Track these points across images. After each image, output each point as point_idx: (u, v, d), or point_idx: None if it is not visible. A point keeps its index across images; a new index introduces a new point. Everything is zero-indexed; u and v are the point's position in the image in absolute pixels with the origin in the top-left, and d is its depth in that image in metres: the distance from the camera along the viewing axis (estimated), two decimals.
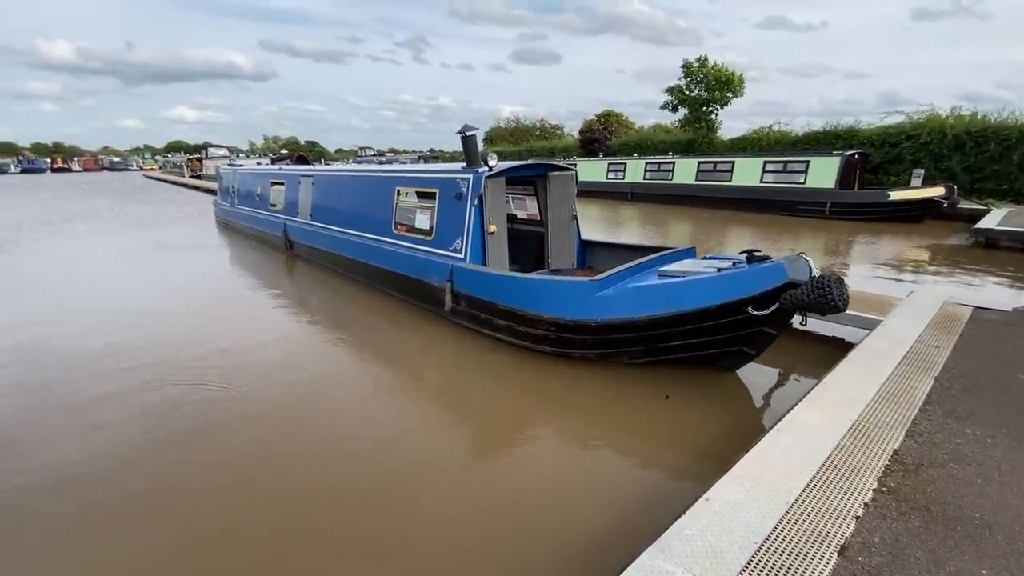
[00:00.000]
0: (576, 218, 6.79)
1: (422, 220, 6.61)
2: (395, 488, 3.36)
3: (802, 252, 4.16)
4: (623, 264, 5.04)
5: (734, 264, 4.58)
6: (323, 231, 9.03)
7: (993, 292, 7.86)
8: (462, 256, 5.85)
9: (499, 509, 3.18)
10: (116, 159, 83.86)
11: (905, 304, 5.59)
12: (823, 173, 15.68)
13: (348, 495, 3.28)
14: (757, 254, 4.38)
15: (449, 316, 6.05)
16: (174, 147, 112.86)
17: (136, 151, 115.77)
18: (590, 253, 7.03)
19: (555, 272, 6.48)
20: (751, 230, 14.27)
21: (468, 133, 5.96)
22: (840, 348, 5.17)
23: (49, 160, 72.15)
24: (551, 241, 6.65)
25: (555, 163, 6.73)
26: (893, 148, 19.20)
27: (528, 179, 6.84)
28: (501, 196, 6.03)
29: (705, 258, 5.33)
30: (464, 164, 6.15)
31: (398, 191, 7.14)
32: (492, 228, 5.89)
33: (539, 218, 6.82)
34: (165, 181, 40.87)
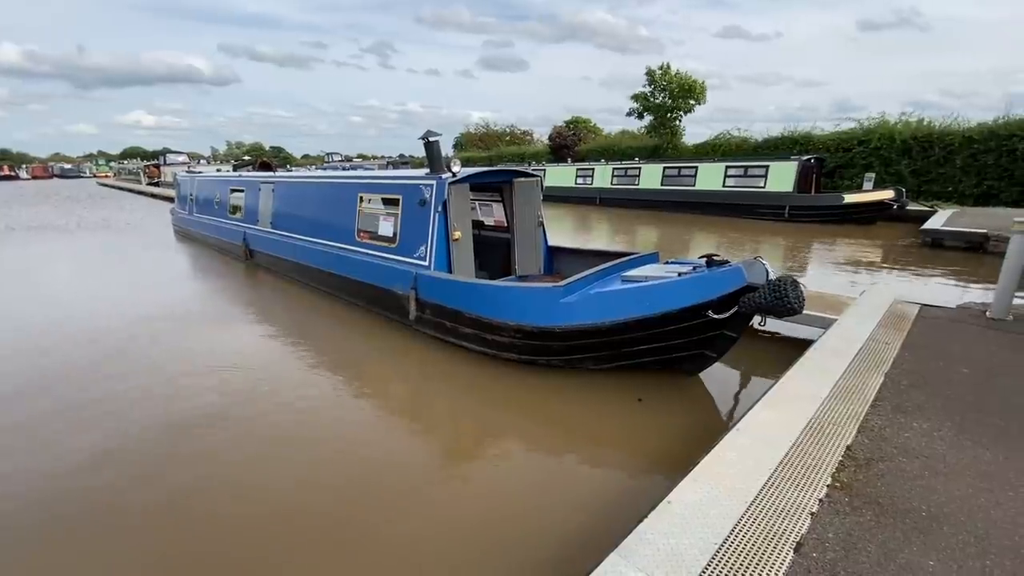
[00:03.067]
0: (542, 224, 6.81)
1: (385, 227, 6.51)
2: (355, 506, 3.27)
3: (759, 255, 4.26)
4: (589, 270, 5.07)
5: (694, 268, 4.66)
6: (284, 239, 8.80)
7: (939, 290, 8.25)
8: (426, 263, 5.79)
9: (464, 523, 3.12)
10: (68, 166, 79.89)
11: (857, 303, 5.80)
12: (782, 177, 16.22)
13: (307, 516, 3.17)
14: (716, 258, 4.47)
15: (414, 325, 5.96)
16: (130, 153, 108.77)
17: (89, 157, 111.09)
18: (557, 259, 7.05)
19: (522, 279, 6.49)
20: (715, 233, 14.61)
21: (431, 139, 5.91)
22: (799, 347, 5.28)
23: None
24: (518, 248, 6.64)
25: (520, 169, 6.74)
26: (846, 153, 20.09)
27: (494, 185, 6.83)
28: (466, 202, 6.00)
29: (668, 263, 5.41)
30: (428, 170, 6.10)
31: (361, 197, 7.02)
32: (457, 235, 5.84)
33: (506, 225, 6.81)
34: (121, 189, 39.26)
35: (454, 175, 5.74)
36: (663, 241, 14.12)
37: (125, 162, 72.08)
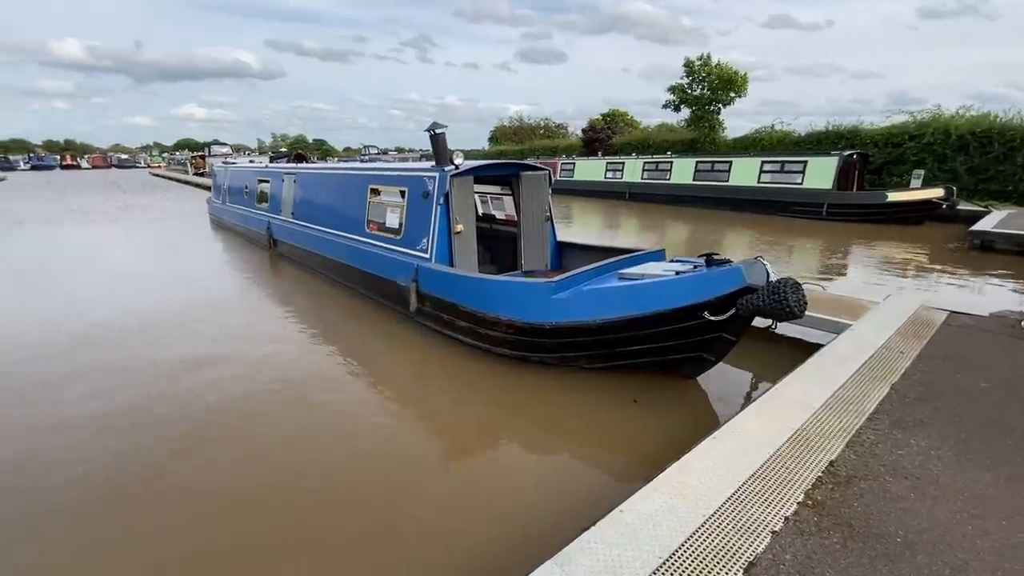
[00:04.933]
0: (551, 219, 6.69)
1: (392, 219, 6.54)
2: (335, 500, 3.30)
3: (760, 255, 4.04)
4: (586, 266, 4.94)
5: (695, 267, 4.47)
6: (303, 229, 8.99)
7: (976, 296, 7.68)
8: (428, 256, 5.78)
9: (427, 519, 3.09)
10: (124, 156, 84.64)
11: (879, 308, 5.45)
12: (821, 173, 15.45)
13: (297, 506, 3.22)
14: (716, 257, 4.27)
15: (415, 317, 5.97)
16: (183, 145, 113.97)
17: (146, 148, 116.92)
18: (566, 255, 6.92)
19: (528, 274, 6.41)
20: (747, 231, 14.08)
21: (437, 131, 5.87)
22: (811, 352, 5.04)
23: (59, 157, 72.89)
24: (524, 242, 6.55)
25: (527, 162, 6.63)
26: (896, 148, 18.95)
27: (503, 178, 6.76)
28: (469, 195, 5.95)
29: (672, 261, 5.22)
30: (434, 163, 6.08)
31: (371, 189, 7.07)
32: (459, 228, 5.80)
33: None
34: (169, 178, 41.14)
35: (456, 168, 5.70)
36: (692, 239, 13.71)
37: (176, 154, 75.59)
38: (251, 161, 17.15)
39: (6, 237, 13.52)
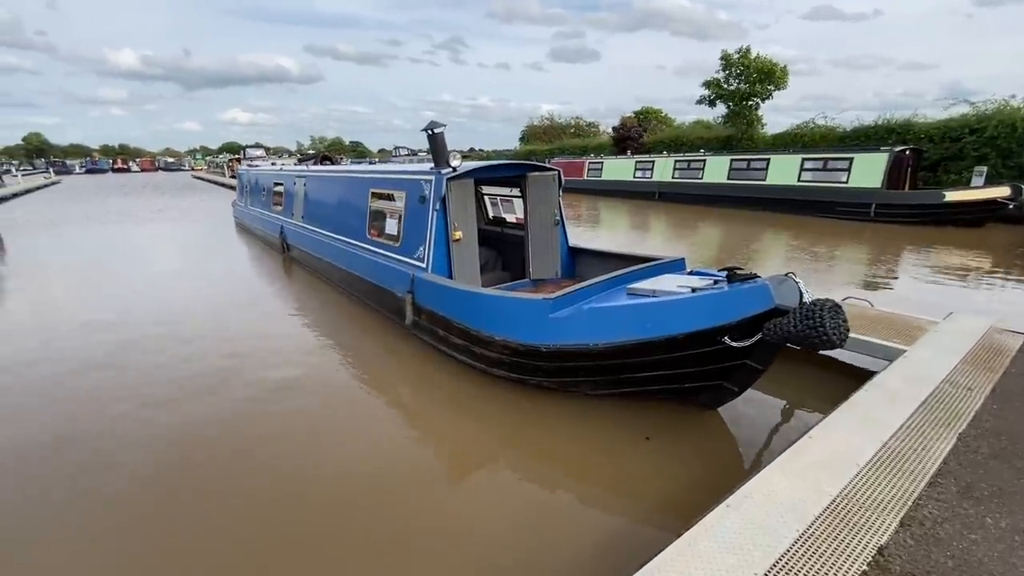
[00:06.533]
0: (562, 223, 6.16)
1: (391, 225, 6.14)
2: (324, 522, 2.89)
3: (791, 272, 3.41)
4: (590, 280, 4.40)
5: (715, 283, 3.86)
6: (312, 234, 8.73)
7: None
8: (424, 265, 5.34)
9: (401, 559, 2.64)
10: (171, 160, 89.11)
11: (938, 330, 4.67)
12: (868, 171, 14.30)
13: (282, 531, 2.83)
14: (740, 272, 3.66)
15: (411, 330, 5.55)
16: (227, 148, 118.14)
17: (192, 152, 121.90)
18: (579, 262, 6.37)
19: (537, 283, 5.91)
20: (784, 234, 13.13)
21: (436, 130, 5.42)
22: (856, 379, 4.34)
23: (111, 161, 76.96)
24: (533, 249, 6.04)
25: (535, 163, 6.11)
26: (954, 143, 17.44)
27: (512, 180, 6.27)
28: (469, 199, 5.47)
29: (691, 273, 4.62)
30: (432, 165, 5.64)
31: (371, 193, 6.70)
32: (457, 235, 5.34)
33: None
34: (209, 181, 42.43)
35: (453, 170, 5.24)
36: (724, 242, 12.86)
37: (219, 157, 78.57)
38: (272, 164, 17.15)
39: (37, 238, 13.90)
